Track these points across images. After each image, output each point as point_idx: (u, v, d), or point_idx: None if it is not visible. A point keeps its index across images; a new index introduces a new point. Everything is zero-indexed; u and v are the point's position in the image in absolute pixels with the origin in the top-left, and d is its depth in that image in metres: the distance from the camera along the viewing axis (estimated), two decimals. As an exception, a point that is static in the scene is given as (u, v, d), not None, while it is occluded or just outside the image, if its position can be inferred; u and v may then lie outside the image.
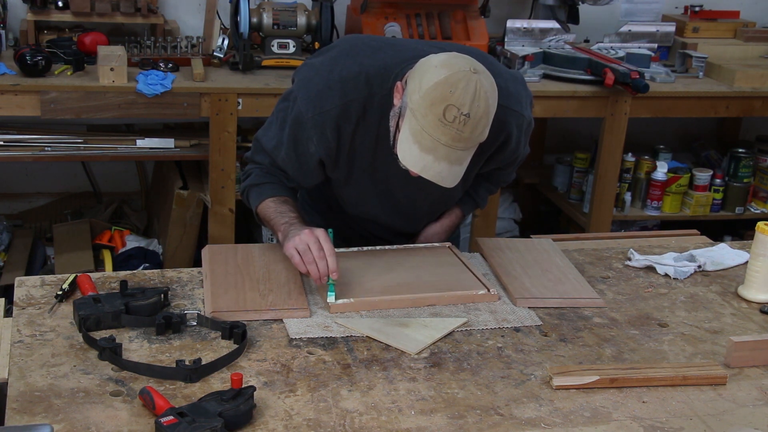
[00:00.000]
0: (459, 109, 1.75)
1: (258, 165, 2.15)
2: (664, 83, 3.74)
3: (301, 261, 1.93)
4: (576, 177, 4.11)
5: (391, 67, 1.97)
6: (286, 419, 1.54)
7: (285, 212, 2.07)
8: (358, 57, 2.02)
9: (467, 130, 1.77)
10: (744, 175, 4.10)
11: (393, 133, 1.92)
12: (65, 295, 1.89)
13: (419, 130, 1.79)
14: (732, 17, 4.32)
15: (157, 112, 3.29)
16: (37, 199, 4.10)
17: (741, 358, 1.80)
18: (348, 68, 1.99)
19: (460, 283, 2.04)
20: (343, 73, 1.98)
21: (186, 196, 3.59)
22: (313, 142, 2.00)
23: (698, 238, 2.56)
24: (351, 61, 2.01)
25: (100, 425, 1.49)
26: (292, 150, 2.04)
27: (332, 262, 1.92)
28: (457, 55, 1.85)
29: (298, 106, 1.99)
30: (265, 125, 2.14)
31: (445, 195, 2.14)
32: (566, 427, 1.58)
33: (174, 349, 1.74)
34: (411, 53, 1.98)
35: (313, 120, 1.98)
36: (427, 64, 1.83)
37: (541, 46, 3.81)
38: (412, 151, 1.81)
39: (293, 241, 1.95)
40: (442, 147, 1.78)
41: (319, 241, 1.93)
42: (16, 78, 3.19)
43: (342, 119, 1.98)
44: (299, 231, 1.97)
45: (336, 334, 1.83)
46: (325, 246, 1.93)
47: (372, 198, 2.18)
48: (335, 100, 1.97)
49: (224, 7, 3.65)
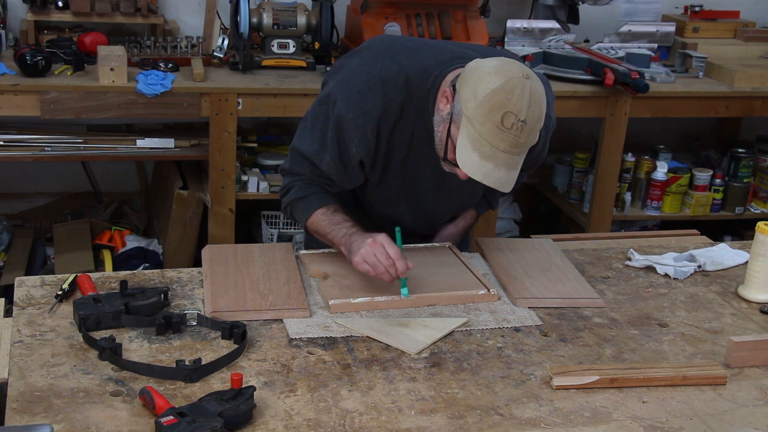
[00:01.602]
0: (516, 115, 1.77)
1: (298, 176, 2.11)
2: (664, 83, 3.74)
3: (375, 273, 1.93)
4: (576, 177, 4.11)
5: (430, 69, 1.97)
6: (286, 419, 1.54)
7: (339, 222, 2.04)
8: (396, 57, 2.01)
9: (524, 135, 1.79)
10: (744, 175, 4.09)
11: (439, 140, 1.93)
12: (65, 295, 1.89)
13: (478, 138, 1.80)
14: (732, 17, 4.32)
15: (157, 112, 3.29)
16: (37, 199, 4.10)
17: (741, 358, 1.80)
18: (387, 69, 1.99)
19: (461, 283, 2.04)
20: (383, 74, 1.98)
21: (186, 196, 3.59)
22: (355, 144, 2.00)
23: (698, 238, 2.56)
24: (390, 62, 2.00)
25: (100, 425, 1.49)
26: (336, 153, 2.02)
27: (401, 265, 1.92)
28: (509, 60, 1.86)
29: (339, 108, 1.98)
30: (299, 132, 2.11)
31: (468, 197, 2.18)
32: (566, 427, 1.58)
33: (174, 349, 1.74)
34: (450, 54, 1.99)
35: (354, 122, 1.97)
36: (479, 71, 1.83)
37: (541, 46, 3.81)
38: (472, 159, 1.82)
39: (360, 255, 1.92)
40: (500, 154, 1.80)
41: (384, 248, 1.92)
42: (16, 78, 3.19)
43: (382, 120, 1.98)
44: (362, 242, 1.94)
45: (336, 334, 1.83)
46: (391, 251, 1.92)
47: (400, 199, 2.17)
48: (376, 101, 1.97)
49: (224, 7, 3.65)
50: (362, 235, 1.97)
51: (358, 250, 1.93)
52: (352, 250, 1.96)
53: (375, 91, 1.97)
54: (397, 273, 1.92)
